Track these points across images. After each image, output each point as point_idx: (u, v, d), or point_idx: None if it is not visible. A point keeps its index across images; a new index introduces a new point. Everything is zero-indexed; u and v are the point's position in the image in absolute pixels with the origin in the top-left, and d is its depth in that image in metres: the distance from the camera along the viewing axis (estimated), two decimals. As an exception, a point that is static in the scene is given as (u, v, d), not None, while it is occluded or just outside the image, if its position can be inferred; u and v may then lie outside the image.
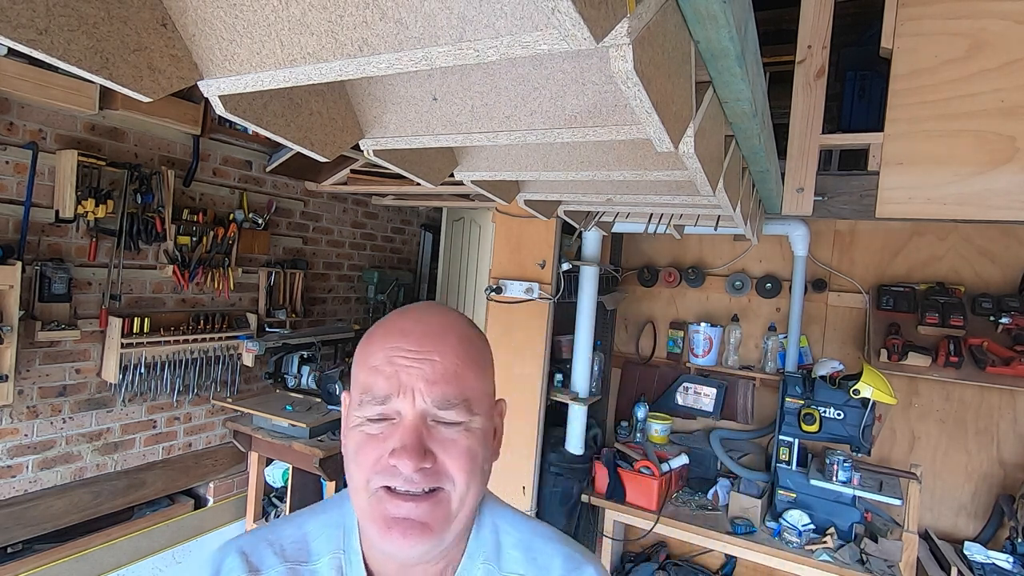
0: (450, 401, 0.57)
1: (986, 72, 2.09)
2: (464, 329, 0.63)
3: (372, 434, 0.58)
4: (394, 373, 0.57)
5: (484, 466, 0.61)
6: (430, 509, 0.56)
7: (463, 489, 0.58)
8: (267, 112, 0.84)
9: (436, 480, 0.57)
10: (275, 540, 0.67)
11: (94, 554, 2.50)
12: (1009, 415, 2.70)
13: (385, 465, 0.56)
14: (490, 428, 0.63)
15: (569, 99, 0.88)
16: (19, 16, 0.53)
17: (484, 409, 0.61)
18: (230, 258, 2.94)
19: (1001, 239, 2.72)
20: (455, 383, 0.58)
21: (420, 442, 0.56)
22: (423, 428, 0.57)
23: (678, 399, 3.26)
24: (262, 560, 0.65)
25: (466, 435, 0.58)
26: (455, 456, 0.57)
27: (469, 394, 0.59)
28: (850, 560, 2.22)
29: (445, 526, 0.57)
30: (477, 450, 0.59)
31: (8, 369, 2.10)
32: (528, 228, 2.80)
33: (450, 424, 0.58)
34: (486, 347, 0.65)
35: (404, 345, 0.58)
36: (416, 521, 0.56)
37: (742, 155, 1.53)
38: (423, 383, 0.57)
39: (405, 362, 0.57)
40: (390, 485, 0.56)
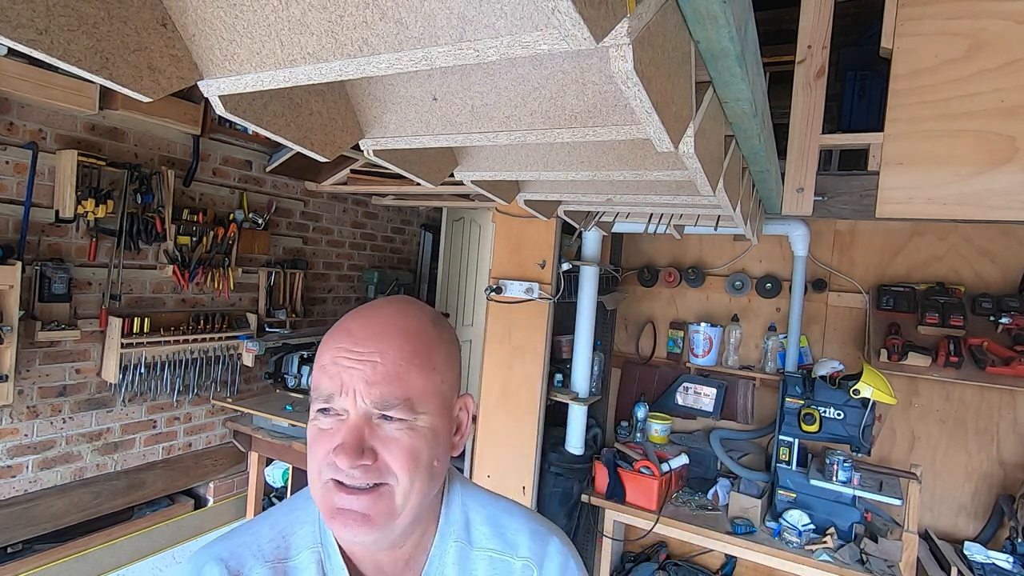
0: (389, 402, 0.59)
1: (986, 72, 2.09)
2: (414, 327, 0.63)
3: (323, 428, 0.60)
4: (337, 373, 0.59)
5: (433, 463, 0.62)
6: (372, 502, 0.58)
7: (406, 485, 0.59)
8: (267, 112, 0.84)
9: (377, 476, 0.59)
10: (251, 542, 0.67)
11: (94, 554, 2.51)
12: (1009, 415, 2.70)
13: (332, 459, 0.58)
14: (442, 424, 0.63)
15: (569, 99, 0.88)
16: (19, 16, 0.53)
17: (432, 407, 0.62)
18: (230, 258, 2.94)
19: (1001, 239, 2.72)
20: (396, 384, 0.59)
21: (359, 441, 0.58)
22: (365, 427, 0.59)
23: (678, 399, 3.26)
24: (242, 563, 0.65)
25: (409, 433, 0.60)
26: (396, 454, 0.59)
27: (412, 394, 0.60)
28: (850, 560, 2.22)
29: (389, 519, 0.59)
30: (421, 448, 0.60)
31: (8, 369, 2.10)
32: (528, 228, 2.80)
33: (393, 422, 0.59)
34: (440, 345, 0.65)
35: (348, 346, 0.60)
36: (358, 513, 0.58)
37: (742, 155, 1.53)
38: (363, 384, 0.58)
39: (347, 363, 0.59)
40: (337, 478, 0.59)
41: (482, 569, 0.69)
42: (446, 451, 0.65)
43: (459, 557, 0.68)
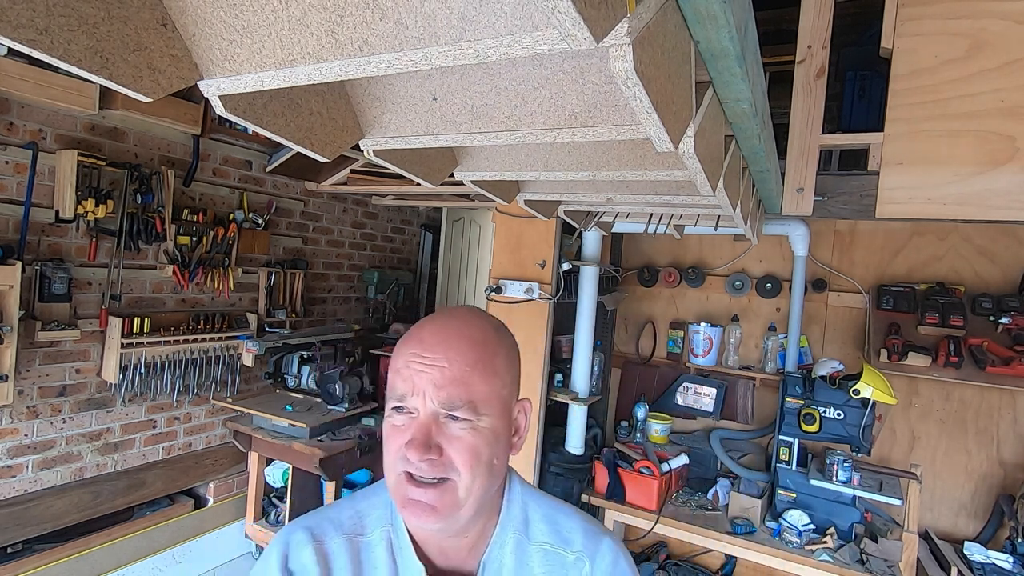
0: (454, 403, 0.65)
1: (986, 72, 2.09)
2: (478, 336, 0.70)
3: (396, 425, 0.67)
4: (409, 376, 0.66)
5: (493, 461, 0.68)
6: (438, 495, 0.65)
7: (468, 480, 0.65)
8: (267, 112, 0.84)
9: (443, 471, 0.65)
10: (333, 517, 0.76)
11: (94, 554, 2.50)
12: (1009, 415, 2.70)
13: (404, 453, 0.65)
14: (502, 426, 0.69)
15: (569, 99, 0.88)
16: (19, 16, 0.53)
17: (494, 410, 0.68)
18: (230, 258, 2.94)
19: (1001, 239, 2.72)
20: (461, 387, 0.65)
21: (427, 437, 0.64)
22: (433, 425, 0.65)
23: (678, 399, 3.26)
24: (324, 533, 0.74)
25: (472, 433, 0.65)
26: (460, 451, 0.65)
27: (475, 397, 0.66)
28: (850, 560, 2.22)
29: (453, 510, 0.65)
30: (482, 447, 0.66)
31: (8, 369, 2.10)
32: (528, 228, 2.80)
33: (458, 422, 0.65)
34: (501, 352, 0.71)
35: (419, 351, 0.67)
36: (426, 504, 0.65)
37: (742, 155, 1.53)
38: (432, 386, 0.65)
39: (418, 367, 0.66)
40: (408, 471, 0.65)
41: (537, 560, 0.73)
42: (505, 450, 0.71)
43: (517, 548, 0.73)
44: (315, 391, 3.03)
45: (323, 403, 2.94)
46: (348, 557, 0.72)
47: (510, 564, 0.72)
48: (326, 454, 2.65)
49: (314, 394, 3.04)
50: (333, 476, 2.74)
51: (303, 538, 0.73)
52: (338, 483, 2.81)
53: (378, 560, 0.72)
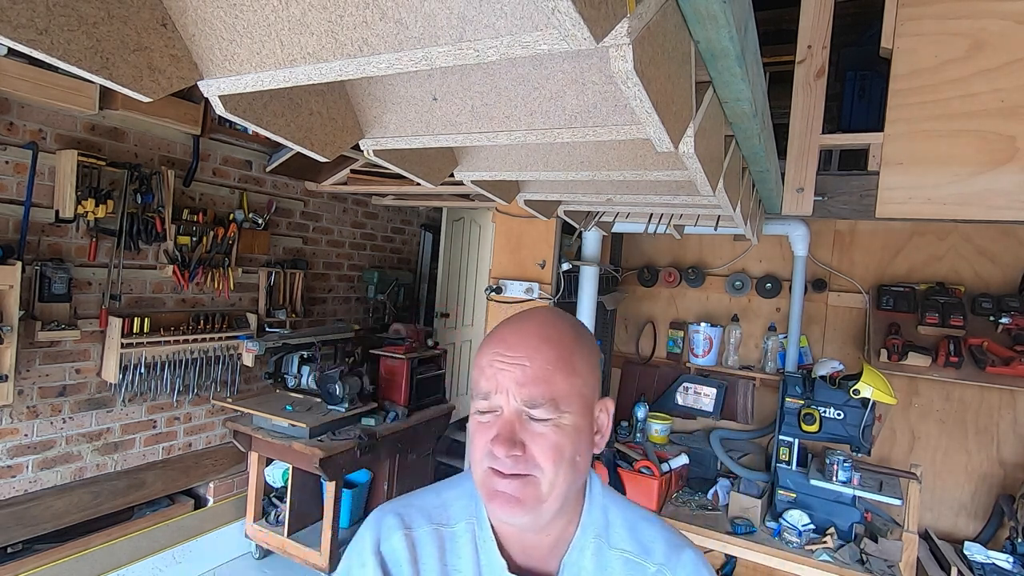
0: (536, 401, 0.66)
1: (986, 72, 2.09)
2: (557, 336, 0.71)
3: (482, 423, 0.69)
4: (493, 375, 0.68)
5: (576, 458, 0.69)
6: (522, 488, 0.66)
7: (551, 475, 0.67)
8: (267, 112, 0.84)
9: (526, 467, 0.66)
10: (421, 505, 0.79)
11: (94, 554, 2.51)
12: (1009, 415, 2.70)
13: (490, 449, 0.67)
14: (584, 424, 0.70)
15: (569, 99, 0.88)
16: (19, 16, 0.53)
17: (575, 407, 0.68)
18: (230, 258, 2.94)
19: (1001, 239, 2.72)
20: (542, 385, 0.66)
21: (512, 433, 0.66)
22: (517, 422, 0.67)
23: (678, 399, 3.26)
24: (413, 520, 0.77)
25: (555, 430, 0.67)
26: (543, 447, 0.66)
27: (556, 395, 0.67)
28: (850, 560, 2.22)
29: (537, 503, 0.67)
30: (565, 443, 0.67)
31: (8, 369, 2.10)
32: (528, 228, 2.80)
33: (540, 420, 0.67)
34: (581, 351, 0.72)
35: (502, 351, 0.69)
36: (511, 496, 0.66)
37: (742, 155, 1.53)
38: (514, 384, 0.66)
39: (501, 366, 0.68)
40: (494, 466, 0.67)
41: (617, 568, 0.73)
42: (588, 448, 0.71)
43: (597, 552, 0.74)
44: (315, 391, 3.03)
45: (323, 403, 2.94)
46: (435, 546, 0.75)
47: (590, 568, 0.73)
48: (326, 454, 2.65)
49: (314, 394, 3.04)
50: (333, 476, 2.74)
51: (394, 523, 0.76)
52: (338, 483, 2.81)
53: (462, 551, 0.75)
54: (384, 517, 0.78)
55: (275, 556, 3.12)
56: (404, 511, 0.78)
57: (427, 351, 3.45)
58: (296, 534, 2.98)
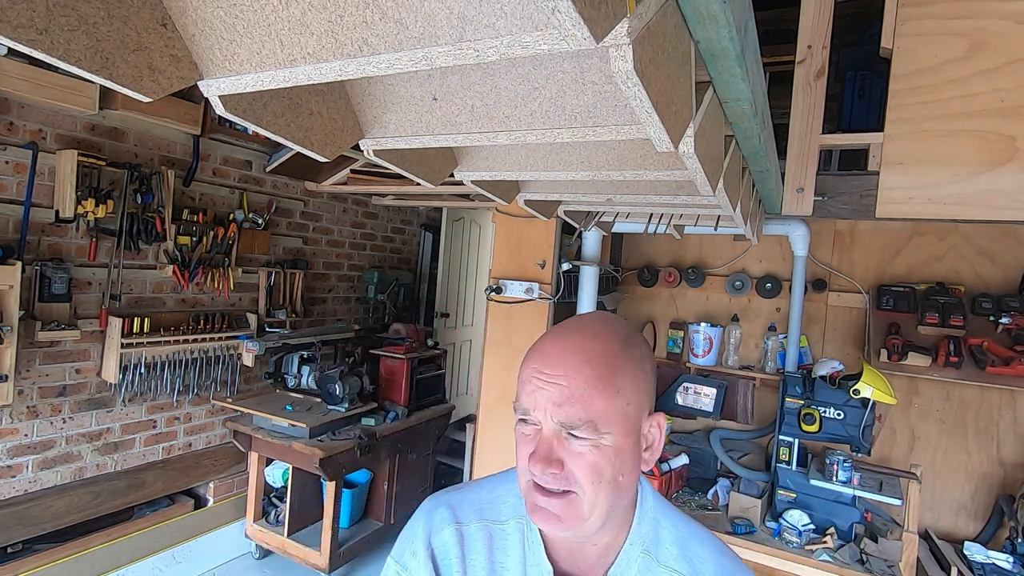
0: (574, 423, 0.64)
1: (986, 72, 2.09)
2: (600, 351, 0.67)
3: (525, 434, 0.69)
4: (532, 392, 0.67)
5: (618, 478, 0.67)
6: (562, 506, 0.66)
7: (592, 495, 0.65)
8: (267, 112, 0.84)
9: (566, 484, 0.65)
10: (473, 499, 0.80)
11: (94, 554, 2.50)
12: (1009, 415, 2.70)
13: (531, 470, 0.67)
14: (627, 443, 0.68)
15: (569, 99, 0.88)
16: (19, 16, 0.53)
17: (616, 427, 0.66)
18: (230, 258, 2.94)
19: (1001, 239, 2.72)
20: (579, 406, 0.64)
21: (550, 452, 0.65)
22: (555, 439, 0.66)
23: (678, 399, 3.26)
24: (464, 514, 0.78)
25: (593, 451, 0.65)
26: (581, 467, 0.65)
27: (595, 416, 0.65)
28: (850, 560, 2.22)
29: (578, 522, 0.66)
30: (604, 464, 0.65)
31: (8, 369, 2.10)
32: (528, 228, 2.80)
33: (579, 439, 0.65)
34: (626, 367, 0.68)
35: (540, 367, 0.67)
36: (552, 512, 0.66)
37: (742, 155, 1.53)
38: (551, 405, 0.65)
39: (540, 383, 0.66)
40: (536, 480, 0.67)
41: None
42: (633, 467, 0.69)
43: (644, 568, 0.72)
44: (315, 391, 3.03)
45: (323, 403, 2.94)
46: (484, 543, 0.75)
47: None
48: (326, 454, 2.65)
49: (314, 394, 3.04)
50: (333, 476, 2.74)
51: (446, 517, 0.77)
52: (338, 483, 2.81)
53: (510, 549, 0.75)
54: (437, 509, 0.79)
55: (275, 556, 3.12)
56: (456, 504, 0.79)
57: (427, 351, 3.45)
58: (296, 534, 2.98)
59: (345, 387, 2.87)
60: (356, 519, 3.22)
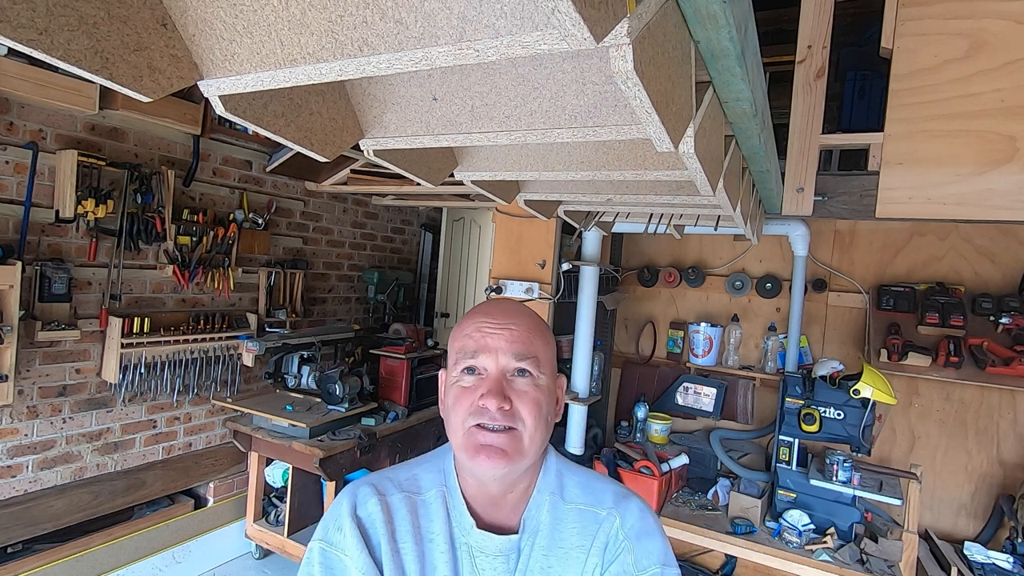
0: (524, 356, 0.75)
1: (986, 72, 2.09)
2: (528, 311, 0.82)
3: (465, 387, 0.76)
4: (480, 338, 0.76)
5: (548, 417, 0.78)
6: (508, 440, 0.74)
7: (532, 429, 0.75)
8: (267, 112, 0.84)
9: (511, 420, 0.74)
10: (392, 477, 0.86)
11: (94, 554, 2.50)
12: (1009, 415, 2.70)
13: (476, 408, 0.74)
14: (552, 388, 0.80)
15: (569, 99, 0.88)
16: (19, 16, 0.53)
17: (548, 371, 0.79)
18: (230, 258, 2.94)
19: (1001, 239, 2.72)
20: (528, 344, 0.76)
21: (502, 389, 0.74)
22: (503, 380, 0.75)
23: (678, 399, 3.26)
24: (386, 489, 0.83)
25: (535, 388, 0.76)
26: (526, 403, 0.75)
27: (538, 354, 0.77)
28: (850, 560, 2.22)
29: (519, 456, 0.75)
30: (542, 401, 0.76)
31: (8, 369, 2.10)
32: (528, 228, 2.80)
33: (523, 377, 0.76)
34: (546, 327, 0.83)
35: (488, 320, 0.78)
36: (497, 448, 0.73)
37: (742, 155, 1.53)
38: (505, 343, 0.75)
39: (489, 329, 0.76)
40: (480, 422, 0.74)
41: (572, 518, 0.81)
42: (554, 412, 0.81)
43: (552, 508, 0.81)
44: (315, 391, 3.03)
45: (323, 403, 2.94)
46: (407, 510, 0.81)
47: (547, 521, 0.80)
48: (326, 454, 2.65)
49: (314, 394, 3.04)
50: (333, 476, 2.74)
51: (369, 491, 0.82)
52: (338, 483, 2.80)
53: (433, 514, 0.81)
54: (359, 487, 0.84)
55: (275, 556, 3.12)
56: (377, 482, 0.84)
57: (427, 351, 3.45)
58: (296, 534, 2.98)
59: (345, 387, 2.87)
60: (356, 519, 3.22)
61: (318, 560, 0.78)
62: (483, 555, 0.78)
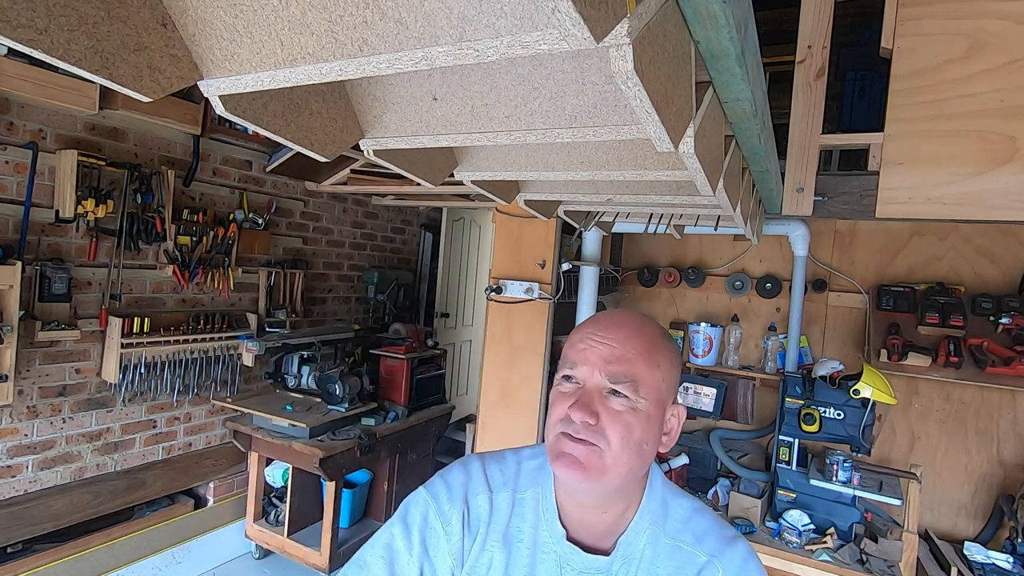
0: (619, 378, 0.72)
1: (986, 72, 2.09)
2: (648, 331, 0.77)
3: (563, 392, 0.76)
4: (583, 349, 0.75)
5: (643, 445, 0.74)
6: (587, 453, 0.71)
7: (617, 451, 0.71)
8: (267, 112, 0.84)
9: (595, 436, 0.71)
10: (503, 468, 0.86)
11: (94, 554, 2.51)
12: (1009, 415, 2.70)
13: (565, 415, 0.73)
14: (656, 417, 0.75)
15: (569, 99, 0.88)
16: (19, 16, 0.53)
17: (651, 396, 0.74)
18: (230, 258, 2.94)
19: (1001, 239, 2.72)
20: (626, 365, 0.73)
21: (590, 403, 0.72)
22: (596, 395, 0.73)
23: (678, 399, 3.26)
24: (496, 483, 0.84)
25: (630, 412, 0.72)
26: (614, 423, 0.72)
27: (637, 378, 0.72)
28: (850, 560, 2.22)
29: (599, 474, 0.71)
30: (635, 426, 0.72)
31: (8, 369, 2.10)
32: (528, 228, 2.80)
33: (618, 397, 0.72)
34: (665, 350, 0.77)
35: (595, 331, 0.76)
36: (575, 459, 0.71)
37: (742, 155, 1.53)
38: (601, 360, 0.73)
39: (593, 342, 0.75)
40: (567, 431, 0.73)
41: (668, 555, 0.78)
42: (655, 441, 0.76)
43: (652, 539, 0.78)
44: (315, 391, 3.03)
45: (323, 403, 2.94)
46: (507, 511, 0.82)
47: (647, 553, 0.77)
48: (326, 454, 2.65)
49: (314, 394, 3.04)
50: (333, 476, 2.74)
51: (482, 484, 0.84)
52: (338, 483, 2.81)
53: (526, 514, 0.81)
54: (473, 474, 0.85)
55: (275, 556, 3.12)
56: (490, 473, 0.86)
57: (427, 351, 3.45)
58: (296, 534, 2.98)
59: (345, 387, 2.87)
60: (356, 519, 3.22)
61: (421, 513, 0.81)
62: (571, 569, 0.77)
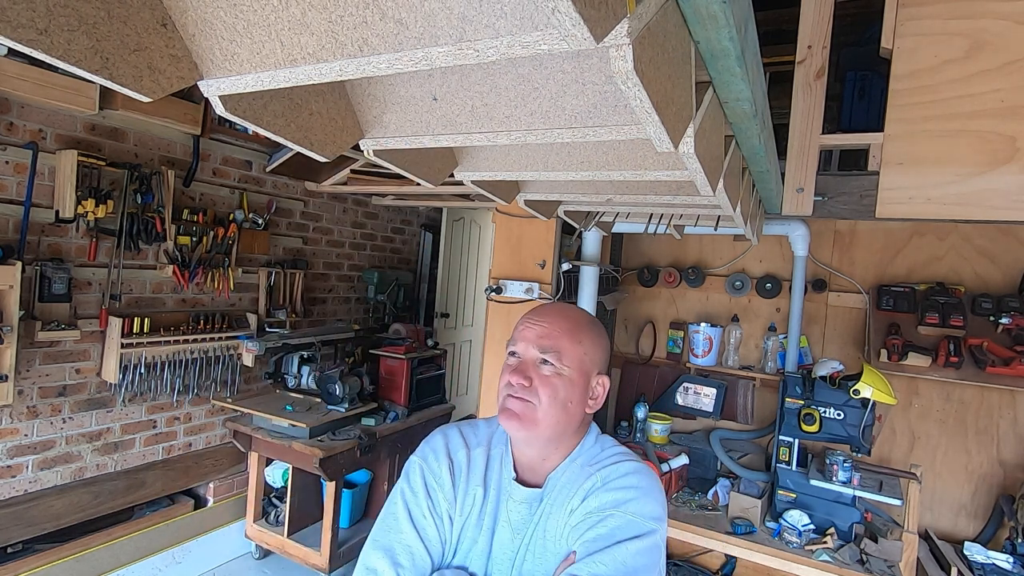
0: (546, 349, 0.94)
1: (986, 72, 2.09)
2: (574, 316, 1.00)
3: (508, 364, 0.98)
4: (522, 330, 0.98)
5: (567, 403, 0.94)
6: (523, 408, 0.93)
7: (546, 406, 0.93)
8: (267, 112, 0.84)
9: (529, 395, 0.93)
10: (476, 432, 1.07)
11: (94, 554, 2.50)
12: (1009, 415, 2.70)
13: (508, 381, 0.95)
14: (580, 382, 0.95)
15: (569, 99, 0.88)
16: (19, 16, 0.53)
17: (574, 367, 0.95)
18: (230, 258, 2.94)
19: (1001, 239, 2.72)
20: (553, 340, 0.94)
21: (526, 370, 0.94)
22: (531, 364, 0.95)
23: (678, 399, 3.26)
24: (471, 443, 1.05)
25: (555, 376, 0.93)
26: (543, 385, 0.93)
27: (561, 349, 0.94)
28: (850, 560, 2.22)
29: (531, 424, 0.93)
30: (560, 387, 0.93)
31: (8, 369, 2.10)
32: (528, 228, 2.80)
33: (545, 365, 0.94)
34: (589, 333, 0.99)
35: (532, 316, 0.99)
36: (514, 412, 0.93)
37: (742, 155, 1.53)
38: (534, 336, 0.95)
39: (529, 324, 0.97)
40: (510, 392, 0.95)
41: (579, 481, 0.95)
42: (579, 401, 0.96)
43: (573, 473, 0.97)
44: (315, 391, 3.03)
45: (323, 403, 2.94)
46: (483, 462, 1.02)
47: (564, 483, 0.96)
48: (326, 454, 2.65)
49: (314, 394, 3.04)
50: (333, 476, 2.74)
51: (459, 442, 1.05)
52: (338, 483, 2.80)
53: (494, 465, 1.02)
54: (451, 436, 1.06)
55: (275, 556, 3.12)
56: (466, 434, 1.06)
57: (427, 351, 3.45)
58: (296, 534, 2.98)
59: (345, 387, 2.87)
60: (356, 519, 3.22)
61: (418, 471, 1.00)
62: (512, 500, 0.98)
